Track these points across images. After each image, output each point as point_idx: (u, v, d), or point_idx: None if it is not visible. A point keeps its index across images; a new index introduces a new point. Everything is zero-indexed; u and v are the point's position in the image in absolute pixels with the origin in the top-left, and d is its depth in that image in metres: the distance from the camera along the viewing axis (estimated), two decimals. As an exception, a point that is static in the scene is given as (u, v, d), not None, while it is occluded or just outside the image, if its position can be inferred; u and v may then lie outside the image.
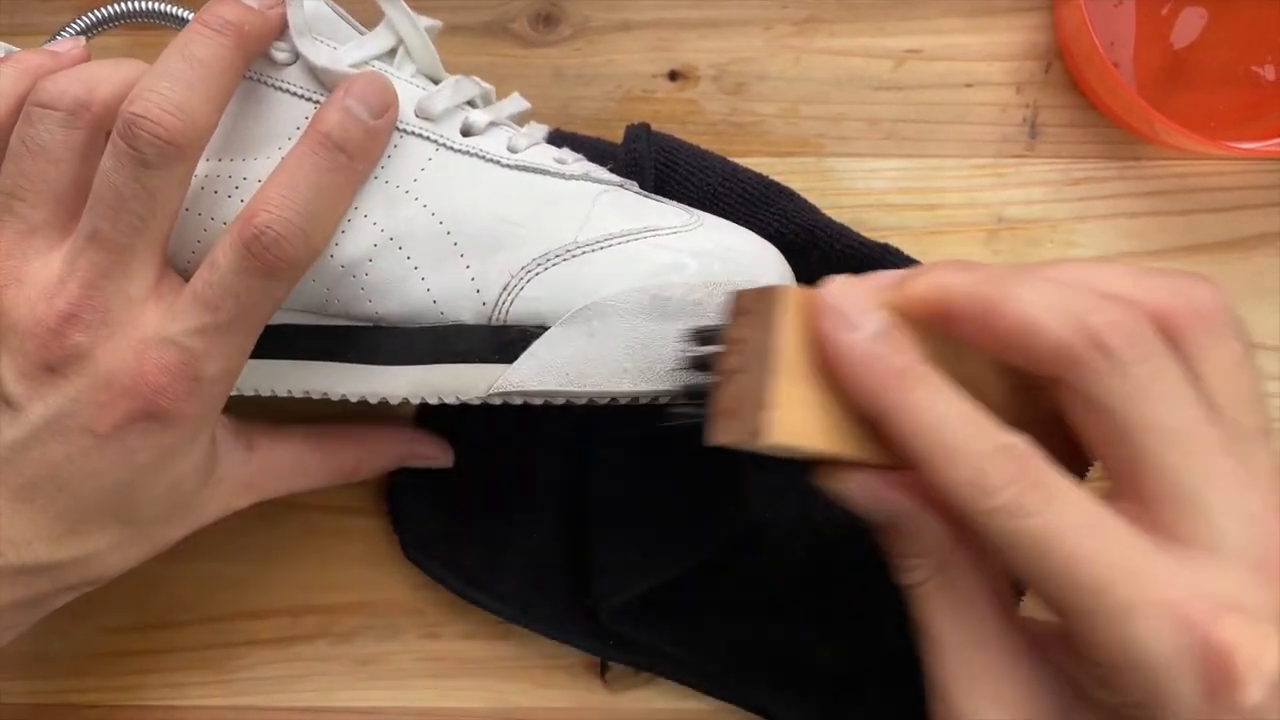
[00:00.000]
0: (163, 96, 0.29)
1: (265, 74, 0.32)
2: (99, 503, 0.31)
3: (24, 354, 0.30)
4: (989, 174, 0.41)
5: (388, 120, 0.32)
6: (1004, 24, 0.42)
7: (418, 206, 0.32)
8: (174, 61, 0.29)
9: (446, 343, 0.32)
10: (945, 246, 0.41)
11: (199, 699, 0.40)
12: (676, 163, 0.38)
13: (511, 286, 0.31)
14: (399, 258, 0.32)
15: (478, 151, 0.33)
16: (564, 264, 0.31)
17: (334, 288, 0.32)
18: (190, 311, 0.30)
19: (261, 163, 0.32)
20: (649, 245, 0.32)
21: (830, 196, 0.40)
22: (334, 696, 0.40)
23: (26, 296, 0.30)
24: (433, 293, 0.32)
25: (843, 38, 0.42)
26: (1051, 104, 0.41)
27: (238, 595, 0.40)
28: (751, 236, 0.34)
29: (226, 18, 0.30)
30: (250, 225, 0.29)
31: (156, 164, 0.29)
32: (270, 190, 0.30)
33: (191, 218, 0.32)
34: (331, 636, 0.40)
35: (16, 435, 0.30)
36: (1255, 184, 0.41)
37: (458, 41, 0.41)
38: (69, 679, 0.39)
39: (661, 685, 0.40)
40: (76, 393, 0.30)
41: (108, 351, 0.30)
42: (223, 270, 0.29)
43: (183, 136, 0.29)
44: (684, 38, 0.42)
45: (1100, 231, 0.41)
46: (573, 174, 0.33)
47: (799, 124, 0.41)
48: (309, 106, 0.32)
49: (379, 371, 0.33)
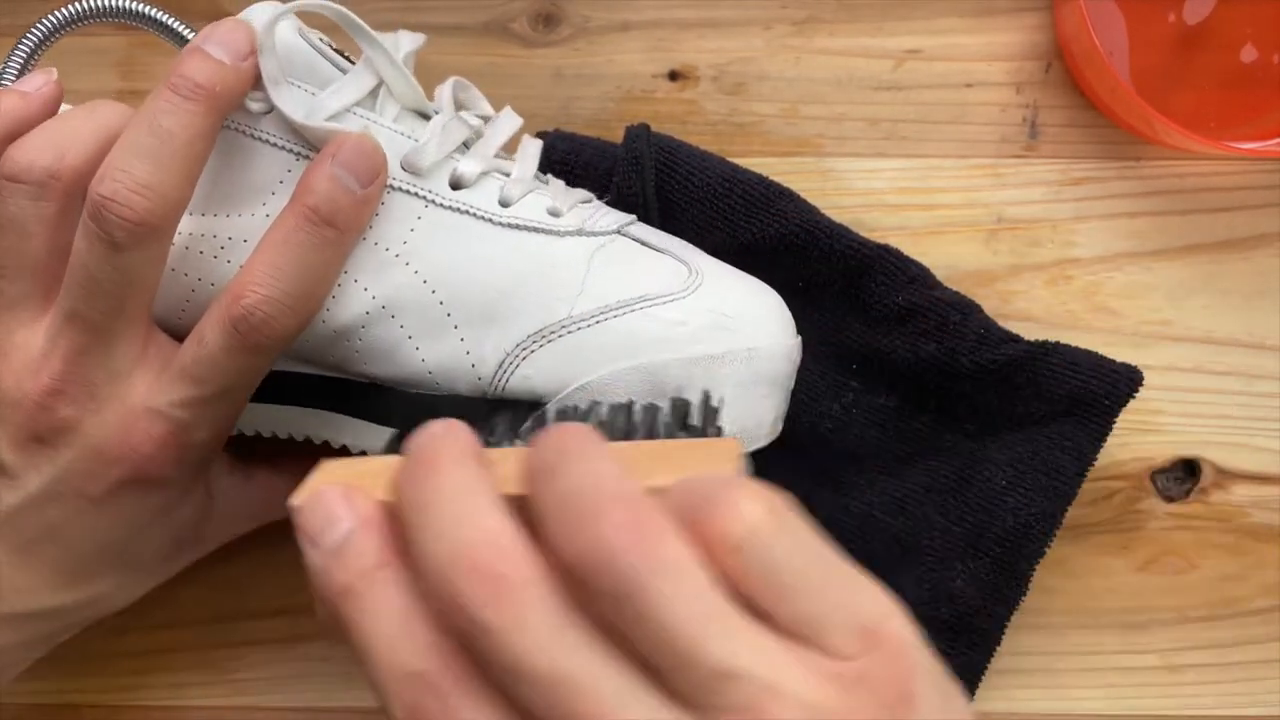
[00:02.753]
0: (131, 176, 0.28)
1: (243, 124, 0.31)
2: (99, 555, 0.32)
3: (14, 425, 0.30)
4: (989, 174, 0.41)
5: (378, 187, 0.30)
6: (1004, 24, 0.42)
7: (409, 272, 0.31)
8: (141, 135, 0.28)
9: (443, 413, 0.31)
10: (945, 246, 0.41)
11: (199, 699, 0.40)
12: (676, 163, 0.38)
13: (507, 364, 0.31)
14: (392, 326, 0.31)
15: (468, 209, 0.32)
16: (559, 340, 0.31)
17: (328, 349, 0.32)
18: (177, 385, 0.30)
19: (246, 220, 0.31)
20: (643, 318, 0.31)
21: (830, 196, 0.40)
22: (334, 696, 0.40)
23: (11, 369, 0.30)
24: (427, 363, 0.31)
25: (842, 38, 0.42)
26: (1051, 104, 0.41)
27: (238, 595, 0.40)
28: (750, 288, 0.33)
29: (196, 81, 0.28)
30: (237, 305, 0.28)
31: (129, 246, 0.28)
32: (257, 267, 0.29)
33: (179, 278, 0.31)
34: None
35: (14, 501, 0.30)
36: (1255, 184, 0.41)
37: (458, 41, 0.41)
38: (69, 679, 0.39)
39: (661, 685, 0.40)
40: (68, 463, 0.30)
41: (96, 424, 0.30)
42: (210, 347, 0.29)
43: (154, 216, 0.28)
44: (684, 38, 0.42)
45: (1100, 231, 0.41)
46: (566, 229, 0.32)
47: (799, 124, 0.41)
48: (290, 158, 0.31)
49: (378, 430, 0.33)
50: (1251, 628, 0.40)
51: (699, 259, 0.34)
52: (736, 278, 0.34)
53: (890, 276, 0.38)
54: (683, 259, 0.33)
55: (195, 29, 0.35)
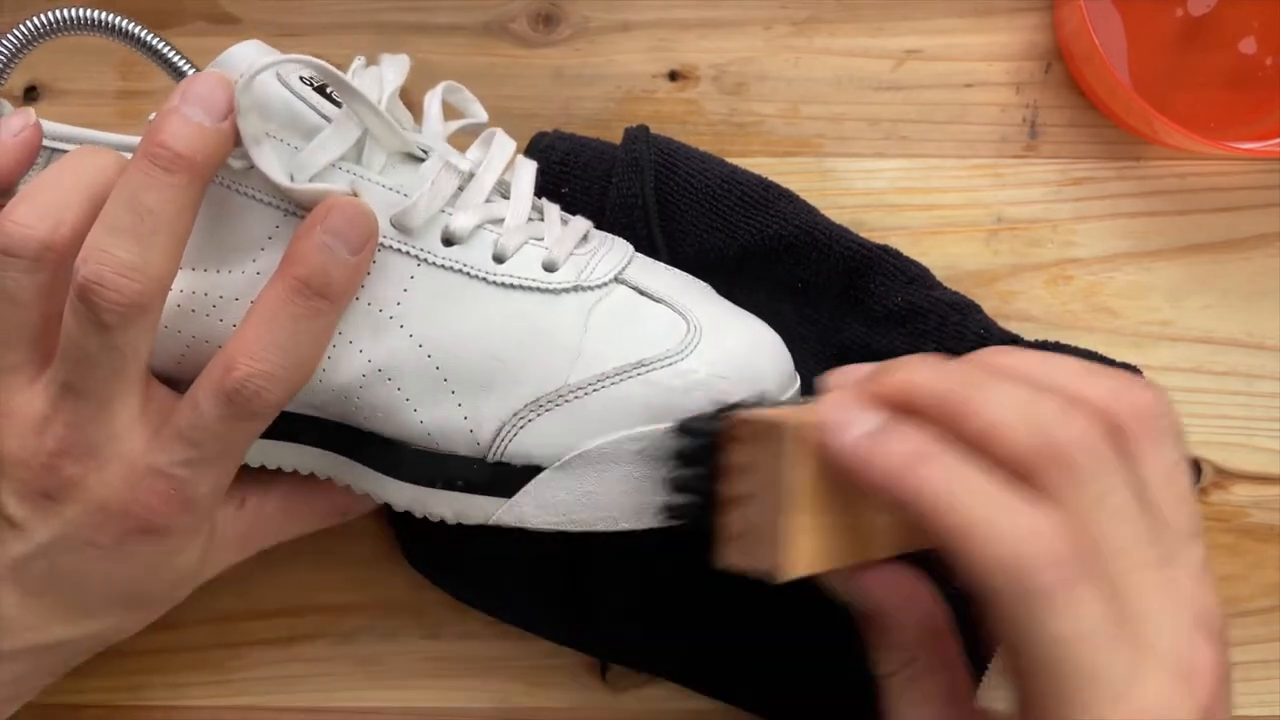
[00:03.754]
0: (116, 259, 0.27)
1: (229, 180, 0.30)
2: (108, 594, 0.32)
3: (21, 482, 0.30)
4: (989, 174, 0.41)
5: (369, 252, 0.30)
6: (1004, 24, 0.42)
7: (403, 336, 0.31)
8: (122, 214, 0.28)
9: (444, 471, 0.32)
10: (945, 246, 0.41)
11: (199, 699, 0.40)
12: (676, 165, 0.38)
13: (505, 432, 0.31)
14: (389, 389, 0.31)
15: (462, 267, 0.31)
16: (558, 409, 0.31)
17: (327, 405, 0.32)
18: (175, 446, 0.30)
19: (236, 277, 0.31)
20: (641, 384, 0.31)
21: (830, 196, 0.40)
22: (334, 696, 0.40)
23: (15, 430, 0.30)
24: (426, 425, 0.31)
25: (843, 38, 0.42)
26: (1051, 104, 0.41)
27: (238, 595, 0.40)
28: (748, 339, 0.33)
29: (176, 150, 0.27)
30: (230, 377, 0.28)
31: (119, 325, 0.28)
32: (249, 338, 0.29)
33: (172, 334, 0.31)
34: (331, 636, 0.40)
35: (24, 550, 0.31)
36: (1255, 184, 0.41)
37: (458, 42, 0.41)
38: (69, 679, 0.39)
39: (661, 685, 0.40)
40: (75, 516, 0.30)
41: (100, 481, 0.30)
42: (205, 416, 0.29)
43: (142, 296, 0.28)
44: (684, 38, 0.42)
45: (1100, 231, 0.41)
46: (562, 285, 0.32)
47: (799, 124, 0.41)
48: (278, 214, 0.30)
49: (382, 479, 0.33)
50: (1251, 628, 0.40)
51: (698, 305, 0.33)
52: (734, 325, 0.33)
53: (890, 277, 0.38)
54: (681, 310, 0.33)
55: (171, 44, 0.35)
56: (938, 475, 0.25)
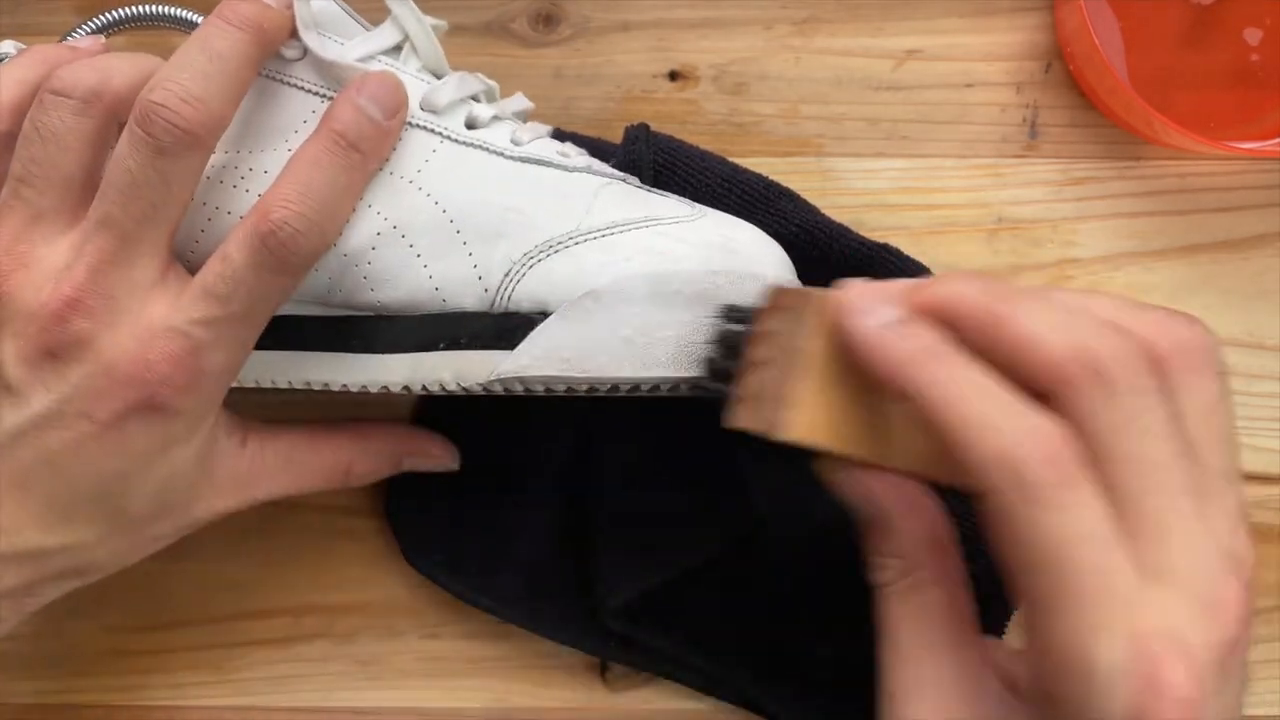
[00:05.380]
0: (182, 87, 0.29)
1: (274, 70, 0.32)
2: (92, 491, 0.31)
3: (26, 338, 0.30)
4: (989, 174, 0.41)
5: (399, 120, 0.32)
6: (1004, 24, 0.42)
7: (422, 196, 0.32)
8: (194, 54, 0.30)
9: (448, 330, 0.32)
10: (945, 246, 0.41)
11: (199, 699, 0.40)
12: (676, 163, 0.38)
13: (513, 273, 0.32)
14: (402, 246, 0.32)
15: (482, 144, 0.33)
16: (566, 251, 0.31)
17: (337, 277, 0.32)
18: (199, 303, 0.30)
19: (269, 155, 0.32)
20: (651, 234, 0.32)
21: (830, 196, 0.40)
22: (334, 696, 0.40)
23: (32, 281, 0.30)
24: (435, 280, 0.32)
25: (843, 38, 0.42)
26: (1051, 104, 0.41)
27: (238, 595, 0.40)
28: (754, 231, 0.34)
29: (245, 14, 0.30)
30: (266, 220, 0.29)
31: (173, 152, 0.29)
32: (285, 186, 0.30)
33: (197, 207, 0.32)
34: (331, 636, 0.40)
35: (16, 422, 0.30)
36: (1255, 184, 0.41)
37: (458, 41, 0.41)
38: (69, 679, 0.39)
39: (661, 685, 0.40)
40: (78, 380, 0.30)
41: (111, 339, 0.30)
42: (236, 264, 0.30)
43: (200, 127, 0.29)
44: (684, 38, 0.42)
45: (1100, 231, 0.41)
46: (576, 166, 0.33)
47: (799, 124, 0.41)
48: (316, 101, 0.32)
49: (379, 359, 0.33)
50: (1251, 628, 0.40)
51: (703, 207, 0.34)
52: (740, 223, 0.34)
53: (891, 276, 0.38)
54: (687, 203, 0.34)
55: None
56: (944, 371, 0.25)
